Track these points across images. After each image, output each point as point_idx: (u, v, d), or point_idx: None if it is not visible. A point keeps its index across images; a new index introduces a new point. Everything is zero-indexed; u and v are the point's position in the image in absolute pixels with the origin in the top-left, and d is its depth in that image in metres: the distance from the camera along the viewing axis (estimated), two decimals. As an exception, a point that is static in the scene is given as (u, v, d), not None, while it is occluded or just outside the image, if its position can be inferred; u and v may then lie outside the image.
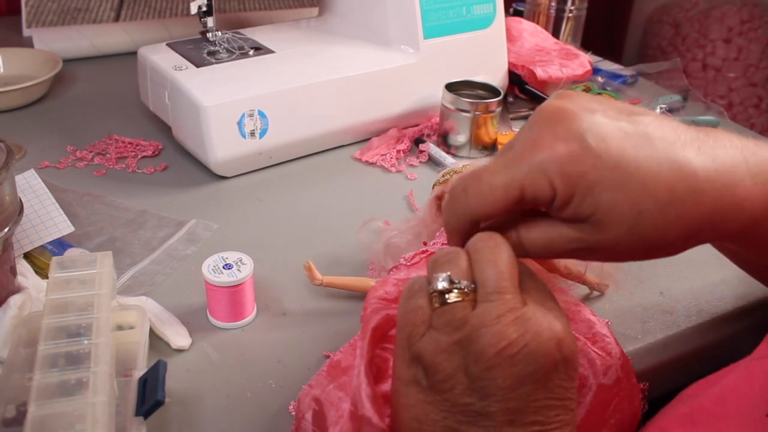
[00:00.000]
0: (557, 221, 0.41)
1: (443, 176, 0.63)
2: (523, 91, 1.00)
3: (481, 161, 0.63)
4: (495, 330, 0.37)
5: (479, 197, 0.40)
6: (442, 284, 0.39)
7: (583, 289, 0.63)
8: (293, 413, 0.50)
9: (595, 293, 0.63)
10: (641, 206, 0.38)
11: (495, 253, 0.40)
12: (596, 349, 0.51)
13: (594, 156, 0.38)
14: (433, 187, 0.64)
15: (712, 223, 0.40)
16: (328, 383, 0.47)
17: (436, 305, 0.39)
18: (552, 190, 0.39)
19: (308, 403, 0.46)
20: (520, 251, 0.42)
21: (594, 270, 0.60)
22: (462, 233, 0.43)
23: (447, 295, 0.39)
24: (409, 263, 0.55)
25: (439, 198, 0.63)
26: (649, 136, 0.40)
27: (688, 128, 0.41)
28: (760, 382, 0.42)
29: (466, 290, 0.39)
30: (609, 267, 0.60)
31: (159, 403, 0.45)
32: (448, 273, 0.40)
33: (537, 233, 0.41)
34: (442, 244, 0.55)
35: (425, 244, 0.58)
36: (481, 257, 0.40)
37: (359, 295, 0.61)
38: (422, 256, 0.55)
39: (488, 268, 0.39)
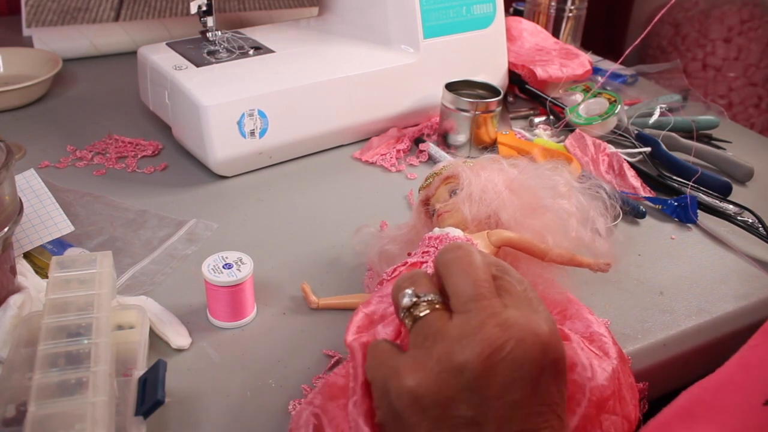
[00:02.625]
0: None
1: (426, 180, 0.62)
2: (523, 90, 1.00)
3: (478, 160, 0.62)
4: (478, 338, 0.36)
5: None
6: (409, 299, 0.39)
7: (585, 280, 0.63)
8: (292, 413, 0.50)
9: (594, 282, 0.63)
10: None
11: (465, 261, 0.39)
12: (593, 348, 0.50)
13: None
14: (419, 192, 0.63)
15: None
16: (327, 401, 0.46)
17: (410, 324, 0.39)
18: None
19: (307, 418, 0.46)
20: None
21: (588, 249, 0.58)
22: None
23: (415, 312, 0.39)
24: (390, 277, 0.55)
25: (424, 202, 0.62)
26: None
27: None
28: (756, 371, 0.42)
29: (434, 302, 0.39)
30: (602, 245, 0.58)
31: (159, 403, 0.45)
32: (413, 288, 0.39)
33: None
34: (423, 253, 0.55)
35: (409, 255, 0.58)
36: (450, 270, 0.39)
37: (359, 295, 0.61)
38: (402, 269, 0.55)
39: (460, 279, 0.38)
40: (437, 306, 0.39)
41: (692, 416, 0.42)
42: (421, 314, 0.39)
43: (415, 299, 0.39)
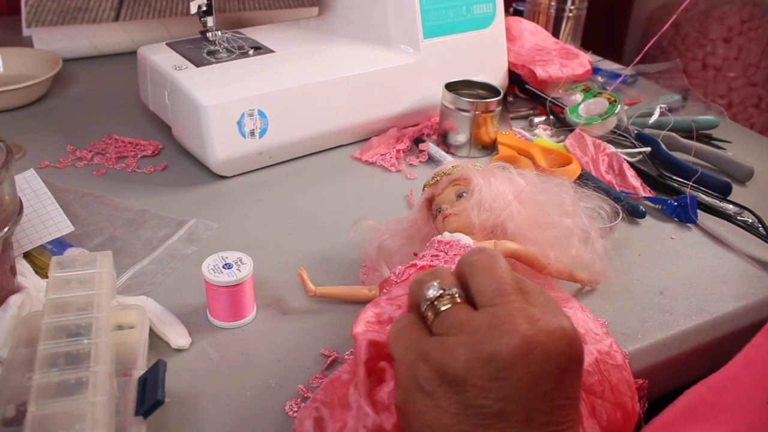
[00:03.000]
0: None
1: (433, 178, 0.63)
2: (523, 90, 1.00)
3: (477, 161, 0.63)
4: (506, 330, 0.37)
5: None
6: (435, 291, 0.40)
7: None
8: (290, 413, 0.50)
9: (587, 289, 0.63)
10: None
11: (490, 262, 0.40)
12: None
13: None
14: (423, 189, 0.64)
15: None
16: (329, 395, 0.47)
17: (432, 317, 0.39)
18: None
19: (309, 412, 0.46)
20: None
21: (586, 267, 0.60)
22: None
23: (438, 304, 0.39)
24: (398, 279, 0.55)
25: (429, 201, 0.62)
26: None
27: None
28: (760, 370, 0.42)
29: (456, 296, 0.39)
30: (600, 264, 0.60)
31: (159, 403, 0.45)
32: (438, 280, 0.40)
33: None
34: (432, 256, 0.55)
35: (415, 255, 0.58)
36: (475, 268, 0.40)
37: (359, 295, 0.61)
38: (411, 271, 0.55)
39: (485, 277, 0.39)
40: (459, 300, 0.39)
41: (696, 415, 0.42)
42: (443, 307, 0.39)
43: (441, 291, 0.40)
